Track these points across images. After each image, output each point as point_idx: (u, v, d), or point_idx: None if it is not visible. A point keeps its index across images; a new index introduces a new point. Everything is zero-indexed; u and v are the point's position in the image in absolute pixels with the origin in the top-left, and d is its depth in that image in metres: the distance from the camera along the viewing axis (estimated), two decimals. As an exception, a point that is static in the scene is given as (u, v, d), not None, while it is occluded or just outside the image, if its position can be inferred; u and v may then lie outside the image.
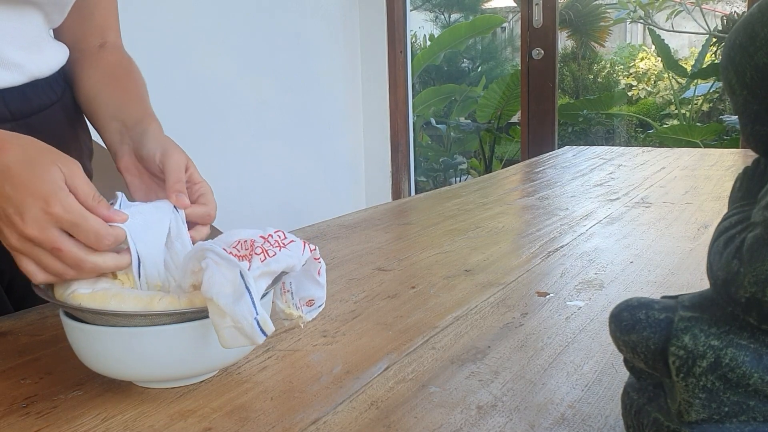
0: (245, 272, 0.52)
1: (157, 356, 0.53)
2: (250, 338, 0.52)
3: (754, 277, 0.36)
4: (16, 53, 0.76)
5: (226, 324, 0.51)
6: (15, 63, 0.75)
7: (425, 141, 5.82)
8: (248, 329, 0.51)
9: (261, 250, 0.55)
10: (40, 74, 0.79)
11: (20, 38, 0.76)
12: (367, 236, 1.09)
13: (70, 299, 0.54)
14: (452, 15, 6.12)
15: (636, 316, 0.41)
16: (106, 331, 0.53)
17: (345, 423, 0.50)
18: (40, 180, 0.55)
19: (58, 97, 0.83)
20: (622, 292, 0.78)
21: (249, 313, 0.51)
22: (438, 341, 0.65)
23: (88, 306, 0.53)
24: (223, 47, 2.75)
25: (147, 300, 0.53)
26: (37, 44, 0.79)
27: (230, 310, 0.51)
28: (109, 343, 0.53)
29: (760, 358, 0.37)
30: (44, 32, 0.81)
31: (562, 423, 0.50)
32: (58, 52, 0.84)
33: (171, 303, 0.53)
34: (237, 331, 0.51)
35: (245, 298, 0.51)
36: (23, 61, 0.76)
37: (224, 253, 0.53)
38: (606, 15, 6.32)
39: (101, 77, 0.83)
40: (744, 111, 0.41)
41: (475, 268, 0.89)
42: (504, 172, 1.84)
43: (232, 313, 0.51)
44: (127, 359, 0.53)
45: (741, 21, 0.40)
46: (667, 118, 6.11)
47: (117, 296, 0.54)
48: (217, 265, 0.52)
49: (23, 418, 0.52)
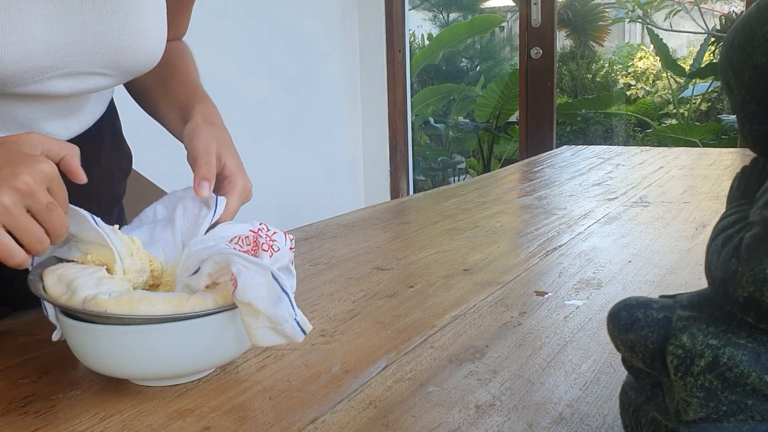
0: (278, 274, 0.53)
1: (155, 354, 0.53)
2: (290, 338, 0.53)
3: (752, 277, 0.36)
4: (52, 123, 0.73)
5: (260, 325, 0.53)
6: (48, 132, 0.72)
7: (424, 140, 5.82)
8: (289, 330, 0.53)
9: (267, 247, 0.56)
10: (71, 137, 0.77)
11: (63, 110, 0.73)
12: (365, 235, 1.09)
13: (93, 306, 0.53)
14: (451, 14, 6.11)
15: (634, 315, 0.41)
16: (104, 329, 0.53)
17: (343, 422, 0.50)
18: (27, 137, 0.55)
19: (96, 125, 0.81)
20: (620, 291, 0.79)
21: (289, 314, 0.53)
22: (436, 340, 0.65)
23: (117, 312, 0.52)
24: (222, 47, 2.75)
25: (176, 302, 0.53)
26: (80, 110, 0.76)
27: (271, 313, 0.52)
28: (106, 342, 0.53)
29: (758, 357, 0.37)
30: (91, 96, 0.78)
31: (560, 422, 0.50)
32: (99, 106, 0.81)
33: (199, 304, 0.54)
34: (273, 331, 0.53)
35: (284, 301, 0.53)
36: (57, 131, 0.74)
37: (251, 257, 0.54)
38: (604, 14, 6.32)
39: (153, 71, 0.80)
40: (742, 110, 0.41)
41: (474, 268, 0.89)
42: (502, 171, 1.85)
43: (272, 317, 0.52)
44: (125, 357, 0.53)
45: (739, 21, 0.40)
46: (666, 118, 6.11)
47: (144, 300, 0.53)
48: (248, 270, 0.53)
49: (21, 418, 0.52)
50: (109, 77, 0.71)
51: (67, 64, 0.66)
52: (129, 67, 0.71)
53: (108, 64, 0.69)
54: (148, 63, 0.73)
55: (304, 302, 0.77)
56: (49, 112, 0.72)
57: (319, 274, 0.88)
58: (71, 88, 0.69)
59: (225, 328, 0.55)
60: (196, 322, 0.53)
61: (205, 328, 0.54)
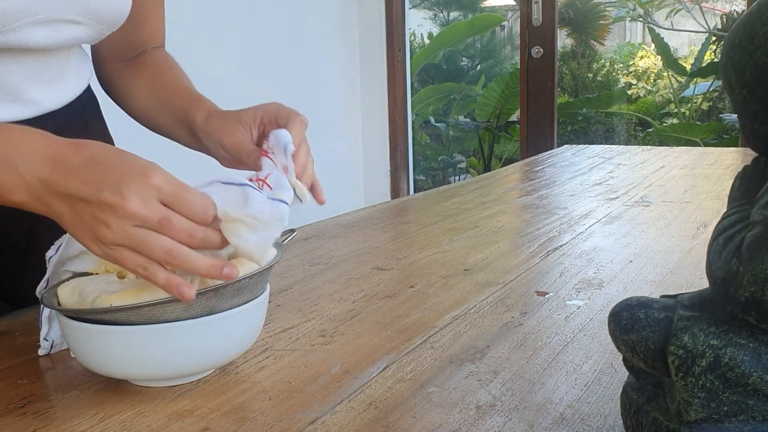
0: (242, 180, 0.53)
1: (155, 355, 0.53)
2: (276, 218, 0.53)
3: (753, 276, 0.35)
4: (36, 90, 0.74)
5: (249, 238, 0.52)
6: (33, 100, 0.74)
7: (424, 140, 5.81)
8: (268, 212, 0.52)
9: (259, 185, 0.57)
10: (58, 106, 0.78)
11: (44, 75, 0.74)
12: (365, 235, 1.09)
13: (99, 303, 0.53)
14: (451, 13, 6.11)
15: (635, 315, 0.41)
16: (104, 330, 0.53)
17: (343, 423, 0.50)
18: (131, 158, 0.52)
19: (77, 117, 0.82)
20: (621, 291, 0.78)
21: (260, 201, 0.52)
22: (437, 341, 0.65)
23: (122, 304, 0.52)
24: (221, 46, 2.75)
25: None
26: (61, 77, 0.77)
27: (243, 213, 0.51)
28: (106, 343, 0.53)
29: (759, 358, 0.37)
30: (73, 57, 0.79)
31: (561, 423, 0.49)
32: (82, 77, 0.82)
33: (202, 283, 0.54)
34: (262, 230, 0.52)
35: (251, 194, 0.52)
36: (42, 98, 0.75)
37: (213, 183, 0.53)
38: (605, 13, 6.31)
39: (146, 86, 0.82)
40: (743, 110, 0.41)
41: (474, 268, 0.89)
42: (503, 171, 1.84)
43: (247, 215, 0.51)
44: (125, 358, 0.53)
45: (740, 20, 0.40)
46: (667, 117, 6.11)
47: (147, 288, 0.53)
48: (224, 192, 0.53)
49: (20, 418, 0.52)
50: (83, 26, 0.72)
51: (40, 9, 0.67)
52: (101, 14, 0.73)
53: (81, 10, 0.70)
54: (120, 10, 0.75)
55: (304, 302, 0.77)
56: (30, 77, 0.73)
57: (319, 274, 0.88)
58: (48, 38, 0.69)
59: (225, 328, 0.55)
60: (196, 323, 0.53)
61: (204, 328, 0.54)
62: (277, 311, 0.74)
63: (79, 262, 0.60)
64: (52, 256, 0.61)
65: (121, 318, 0.52)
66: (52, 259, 0.61)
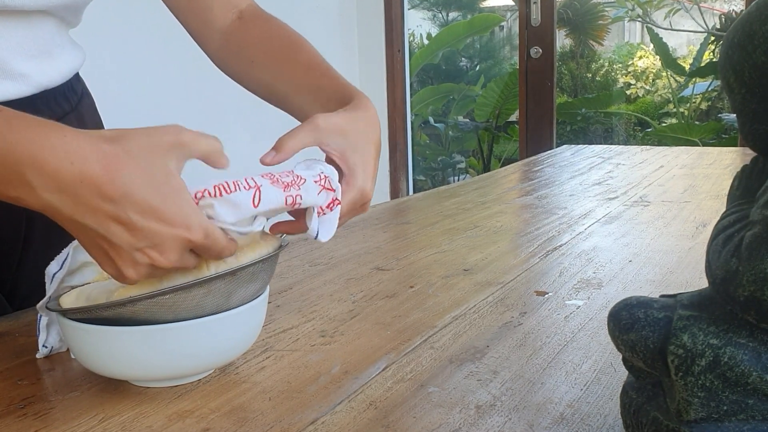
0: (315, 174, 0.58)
1: (155, 355, 0.53)
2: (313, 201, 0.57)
3: (752, 276, 0.36)
4: (24, 63, 0.71)
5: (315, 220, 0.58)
6: (22, 74, 0.71)
7: (423, 140, 5.82)
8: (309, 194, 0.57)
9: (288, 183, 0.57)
10: (50, 84, 0.75)
11: (30, 47, 0.72)
12: (365, 236, 1.09)
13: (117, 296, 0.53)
14: (450, 13, 6.12)
15: (635, 315, 0.41)
16: (104, 330, 0.53)
17: (343, 423, 0.50)
18: (171, 201, 0.49)
19: (72, 107, 0.80)
20: (620, 291, 0.78)
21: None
22: (437, 341, 0.65)
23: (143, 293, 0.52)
24: (221, 47, 2.75)
25: (195, 271, 0.54)
26: (49, 51, 0.74)
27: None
28: (106, 343, 0.53)
29: (758, 357, 0.37)
30: (59, 37, 0.76)
31: (561, 422, 0.50)
32: (74, 58, 0.79)
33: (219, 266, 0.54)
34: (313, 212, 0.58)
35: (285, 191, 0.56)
36: (31, 72, 0.72)
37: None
38: (604, 13, 6.32)
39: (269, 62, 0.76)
40: (742, 109, 0.41)
41: (474, 268, 0.89)
42: (502, 171, 1.84)
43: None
44: (125, 359, 0.53)
45: (739, 19, 0.40)
46: (666, 117, 6.12)
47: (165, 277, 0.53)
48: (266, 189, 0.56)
49: (21, 419, 0.52)
50: None
51: None
52: None
53: None
54: None
55: (304, 302, 0.77)
56: (14, 49, 0.70)
57: (319, 274, 0.88)
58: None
59: (225, 328, 0.55)
60: (196, 323, 0.53)
61: (205, 329, 0.54)
62: (277, 311, 0.74)
63: (80, 275, 0.60)
64: (56, 272, 0.58)
65: (139, 311, 0.52)
66: (56, 275, 0.58)
